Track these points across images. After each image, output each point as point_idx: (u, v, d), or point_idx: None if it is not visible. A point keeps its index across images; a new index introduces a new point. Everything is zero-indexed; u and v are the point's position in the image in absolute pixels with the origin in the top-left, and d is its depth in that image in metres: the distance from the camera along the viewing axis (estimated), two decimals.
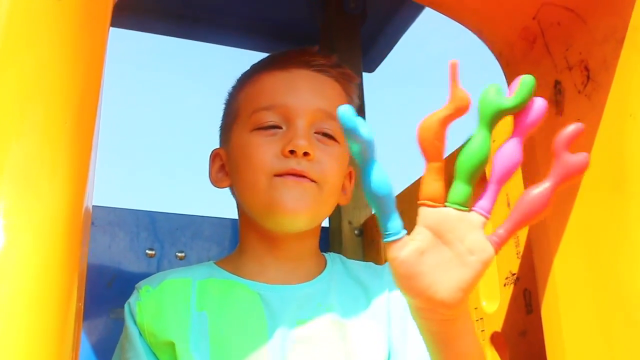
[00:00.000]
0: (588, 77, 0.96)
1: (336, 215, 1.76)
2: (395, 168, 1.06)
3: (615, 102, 0.92)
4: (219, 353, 1.02)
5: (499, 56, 1.07)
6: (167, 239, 1.67)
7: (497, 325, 1.29)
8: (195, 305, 1.07)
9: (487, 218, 0.76)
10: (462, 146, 0.76)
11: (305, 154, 1.06)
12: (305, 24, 1.91)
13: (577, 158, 0.76)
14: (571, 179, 0.77)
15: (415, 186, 1.32)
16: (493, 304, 1.32)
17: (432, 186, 0.75)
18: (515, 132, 0.77)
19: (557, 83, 1.00)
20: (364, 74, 1.91)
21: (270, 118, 1.11)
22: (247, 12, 1.90)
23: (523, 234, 1.24)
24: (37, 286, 0.61)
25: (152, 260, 1.65)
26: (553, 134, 1.00)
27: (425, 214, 0.76)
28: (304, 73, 1.15)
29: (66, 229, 0.64)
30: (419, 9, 1.84)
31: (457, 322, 0.80)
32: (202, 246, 1.70)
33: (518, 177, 1.18)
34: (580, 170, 0.76)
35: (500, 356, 1.29)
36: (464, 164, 0.75)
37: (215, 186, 1.17)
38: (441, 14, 1.06)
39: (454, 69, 0.74)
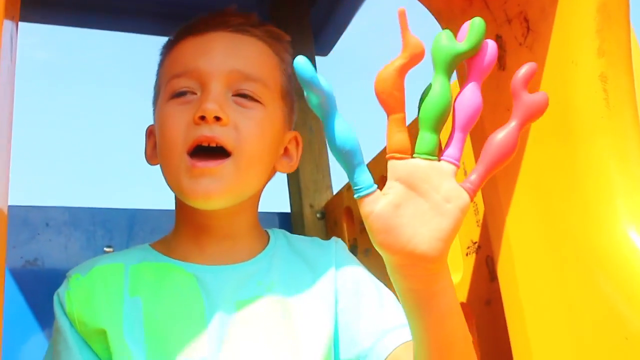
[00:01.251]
0: (528, 28, 0.93)
1: (297, 199, 1.73)
2: None
3: (556, 50, 0.90)
4: (154, 339, 0.98)
5: (438, 16, 1.05)
6: (125, 234, 1.63)
7: (462, 296, 1.26)
8: (128, 291, 1.02)
9: (457, 166, 0.74)
10: (422, 95, 0.74)
11: (217, 118, 0.99)
12: (252, 8, 1.86)
13: (536, 97, 0.75)
14: (533, 119, 0.76)
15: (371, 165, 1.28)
16: (456, 274, 1.29)
17: (397, 137, 0.73)
18: (471, 77, 0.75)
19: (498, 37, 0.97)
20: (318, 58, 1.88)
21: (182, 84, 1.04)
22: None
23: (482, 201, 1.22)
24: None
25: None
26: (497, 89, 0.97)
27: (394, 167, 0.73)
28: (220, 34, 1.08)
29: None
30: None
31: (438, 277, 0.76)
32: None
33: (470, 143, 1.16)
34: (541, 109, 0.75)
35: (467, 326, 1.27)
36: (426, 112, 0.74)
37: (149, 163, 1.11)
38: None
39: (402, 17, 0.72)
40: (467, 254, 1.26)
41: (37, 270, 1.54)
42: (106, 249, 1.61)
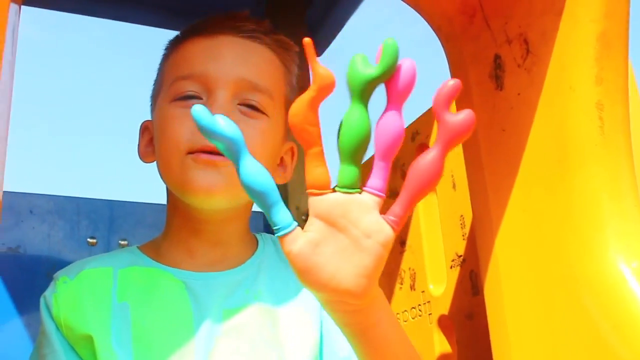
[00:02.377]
0: (527, 51, 0.94)
1: (283, 200, 1.72)
2: None
3: (554, 75, 0.91)
4: (142, 346, 0.97)
5: (438, 31, 1.05)
6: (109, 226, 1.63)
7: (444, 309, 1.27)
8: (116, 296, 1.01)
9: (381, 197, 0.71)
10: (340, 125, 0.71)
11: None
12: (248, 6, 1.86)
13: (460, 117, 0.70)
14: (458, 141, 0.71)
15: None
16: (440, 286, 1.30)
17: (315, 173, 0.70)
18: (389, 101, 0.71)
19: (497, 57, 0.98)
20: None
21: (188, 87, 1.03)
22: None
23: (468, 215, 1.23)
24: None
25: (94, 249, 1.60)
26: (494, 109, 0.98)
27: (313, 203, 0.71)
28: (230, 39, 1.06)
29: None
30: None
31: (370, 311, 0.76)
32: (145, 233, 1.64)
33: (460, 157, 1.16)
34: (466, 130, 0.70)
35: (448, 339, 1.27)
36: (344, 144, 0.70)
37: (142, 160, 1.10)
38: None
39: (308, 47, 0.69)
40: (451, 267, 1.27)
41: (19, 257, 1.54)
42: (89, 240, 1.61)
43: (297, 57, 1.14)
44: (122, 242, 1.63)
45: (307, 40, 0.69)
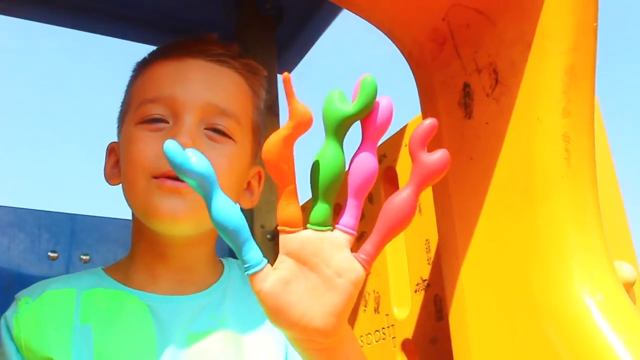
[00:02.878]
0: (497, 80, 0.95)
1: (248, 219, 1.71)
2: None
3: (523, 105, 0.91)
4: None
5: (409, 57, 1.05)
6: (71, 241, 1.61)
7: (408, 332, 1.27)
8: (79, 318, 0.99)
9: (352, 235, 0.72)
10: (314, 162, 0.71)
11: None
12: (219, 24, 1.86)
13: (435, 157, 0.71)
14: (433, 180, 0.72)
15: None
16: (404, 310, 1.30)
17: (287, 210, 0.70)
18: (364, 138, 0.71)
19: (466, 86, 0.99)
20: (279, 76, 1.88)
21: (155, 111, 1.03)
22: (158, 9, 1.84)
23: (434, 239, 1.23)
24: None
25: (55, 263, 1.59)
26: (462, 137, 0.99)
27: (284, 240, 0.71)
28: (198, 63, 1.07)
29: None
30: (336, 11, 1.82)
31: (338, 349, 0.76)
32: (108, 249, 1.63)
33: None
34: (440, 170, 0.71)
35: None
36: (317, 181, 0.70)
37: (108, 182, 1.09)
38: (360, 19, 1.03)
39: (287, 83, 0.68)
40: (415, 291, 1.27)
41: None
42: (50, 254, 1.59)
43: (265, 81, 1.15)
44: (84, 257, 1.61)
45: (286, 75, 0.69)
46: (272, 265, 0.72)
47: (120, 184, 1.06)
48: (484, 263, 0.96)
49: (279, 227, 0.71)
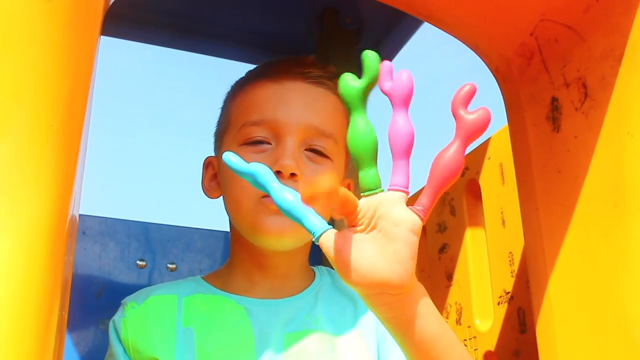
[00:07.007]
0: (586, 95, 0.95)
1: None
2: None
3: (613, 120, 0.91)
4: None
5: (496, 72, 1.06)
6: (159, 250, 1.65)
7: (491, 345, 1.28)
8: (181, 322, 1.05)
9: (405, 192, 0.78)
10: (348, 138, 0.78)
11: (292, 174, 1.03)
12: (302, 38, 1.89)
13: (476, 114, 0.77)
14: (476, 136, 0.78)
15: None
16: (486, 322, 1.31)
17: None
18: (395, 106, 0.78)
19: (554, 100, 0.99)
20: None
21: (258, 133, 1.08)
22: (244, 25, 1.88)
23: (517, 252, 1.23)
24: (18, 293, 0.59)
25: (143, 271, 1.64)
26: (550, 151, 0.99)
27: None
28: (297, 85, 1.11)
29: (49, 235, 0.62)
30: (416, 24, 1.83)
31: (409, 302, 0.79)
32: (193, 258, 1.68)
33: (513, 194, 1.17)
34: (484, 125, 0.77)
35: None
36: (359, 151, 0.78)
37: (207, 196, 1.15)
38: (439, 30, 1.05)
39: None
40: (499, 303, 1.27)
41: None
42: (139, 262, 1.63)
43: None
44: (170, 266, 1.65)
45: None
46: None
47: (218, 197, 1.12)
48: (572, 276, 0.96)
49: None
